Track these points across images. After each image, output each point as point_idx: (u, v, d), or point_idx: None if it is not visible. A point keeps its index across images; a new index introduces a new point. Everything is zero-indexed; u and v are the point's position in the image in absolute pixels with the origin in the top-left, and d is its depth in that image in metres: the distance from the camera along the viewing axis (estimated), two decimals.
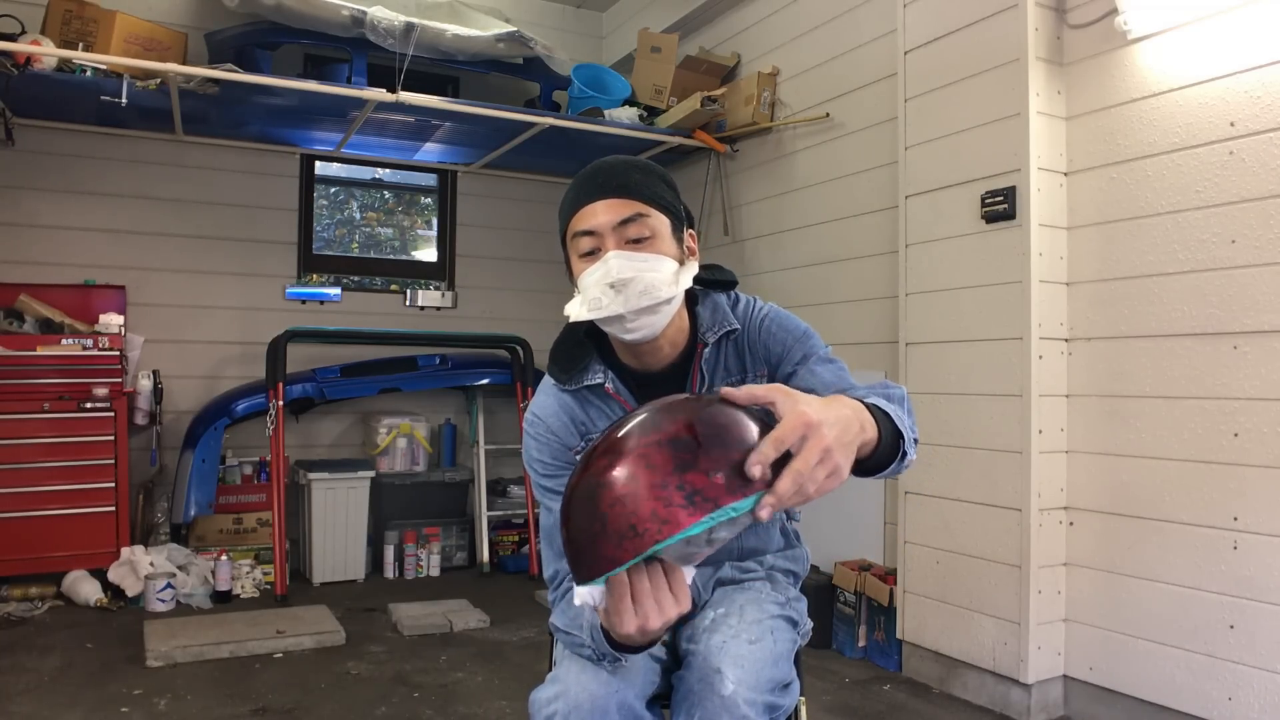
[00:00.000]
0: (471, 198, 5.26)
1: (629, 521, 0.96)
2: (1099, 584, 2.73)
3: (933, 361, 3.10)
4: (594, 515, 0.98)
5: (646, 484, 0.96)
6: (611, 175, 1.34)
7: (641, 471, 0.97)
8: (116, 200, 4.41)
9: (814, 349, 1.43)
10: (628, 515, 0.96)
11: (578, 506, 1.01)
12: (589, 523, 0.99)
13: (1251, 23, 2.38)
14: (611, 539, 0.97)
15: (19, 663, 3.12)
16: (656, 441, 0.98)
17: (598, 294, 1.30)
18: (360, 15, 3.91)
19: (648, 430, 1.00)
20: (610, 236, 1.31)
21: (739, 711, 1.25)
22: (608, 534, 0.97)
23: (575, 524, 1.01)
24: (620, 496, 0.97)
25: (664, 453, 0.97)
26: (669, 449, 0.98)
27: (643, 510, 0.96)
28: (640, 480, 0.97)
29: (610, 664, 1.29)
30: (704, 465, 0.97)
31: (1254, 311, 2.37)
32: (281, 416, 4.12)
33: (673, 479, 0.96)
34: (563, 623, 1.37)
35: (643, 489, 0.96)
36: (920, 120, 3.15)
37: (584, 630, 1.29)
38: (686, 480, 0.96)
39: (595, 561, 1.00)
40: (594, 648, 1.28)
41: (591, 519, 0.99)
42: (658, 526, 0.96)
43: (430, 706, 2.86)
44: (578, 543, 1.01)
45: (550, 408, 1.45)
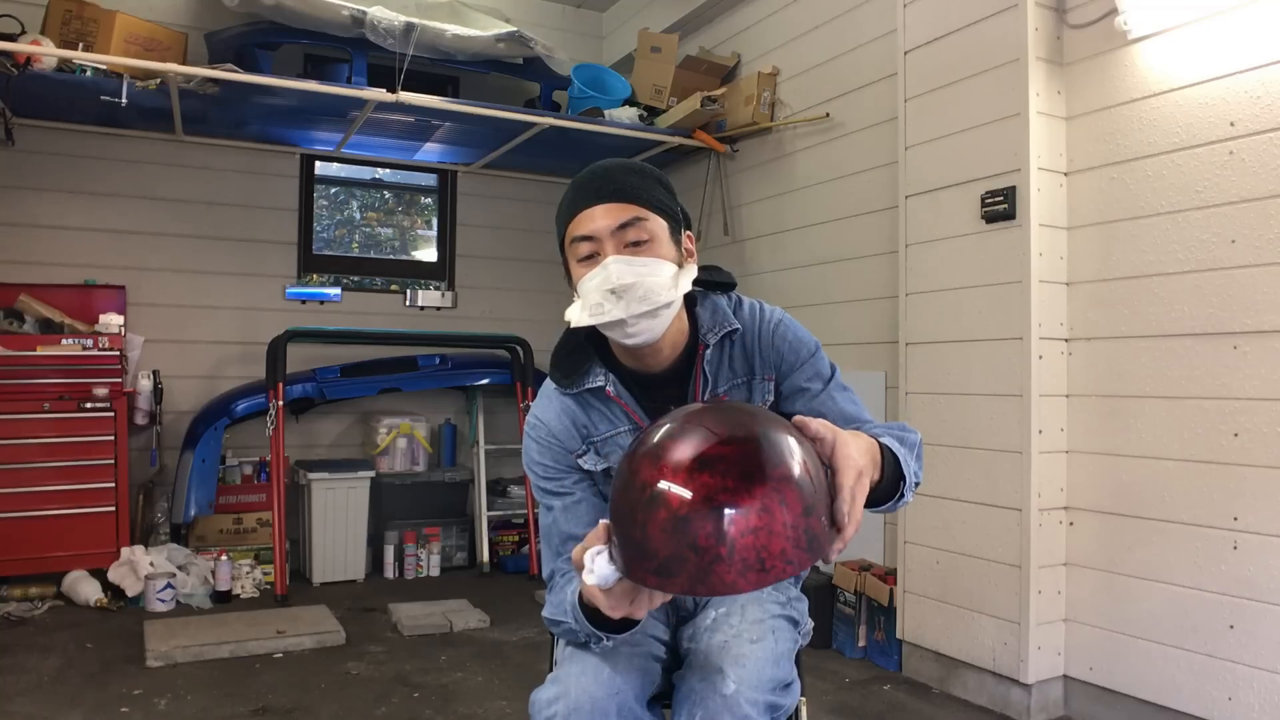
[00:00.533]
0: (471, 198, 5.26)
1: (759, 555, 0.95)
2: (1099, 584, 2.73)
3: (933, 361, 3.10)
4: (720, 539, 0.95)
5: (781, 522, 0.95)
6: (608, 179, 1.34)
7: (777, 508, 0.96)
8: (116, 200, 4.41)
9: (824, 368, 1.46)
10: (759, 549, 0.95)
11: (696, 521, 0.95)
12: (711, 543, 0.95)
13: (1251, 23, 2.38)
14: (735, 566, 0.95)
15: (19, 663, 3.12)
16: (785, 478, 0.97)
17: (598, 299, 1.30)
18: (360, 15, 3.91)
19: (774, 459, 0.98)
20: (609, 241, 1.31)
21: (740, 711, 1.25)
22: (733, 561, 0.95)
23: (688, 538, 0.96)
24: (756, 528, 0.95)
25: (793, 492, 0.97)
26: (796, 489, 0.97)
27: (774, 547, 0.95)
28: (776, 517, 0.95)
29: (597, 645, 1.30)
30: (819, 511, 0.98)
31: (1254, 311, 2.37)
32: (281, 416, 4.12)
33: (801, 522, 0.96)
34: (550, 612, 1.37)
35: (777, 525, 0.95)
36: (920, 120, 3.15)
37: (568, 614, 1.29)
38: (809, 525, 0.97)
39: (708, 582, 0.96)
40: (580, 630, 1.28)
41: (717, 541, 0.95)
42: (784, 566, 0.96)
43: (430, 706, 2.86)
44: (684, 556, 0.96)
45: (552, 411, 1.45)
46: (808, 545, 0.96)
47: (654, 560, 0.98)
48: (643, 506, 0.99)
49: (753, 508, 0.95)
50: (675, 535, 0.96)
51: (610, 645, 1.30)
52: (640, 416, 1.42)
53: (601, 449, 1.43)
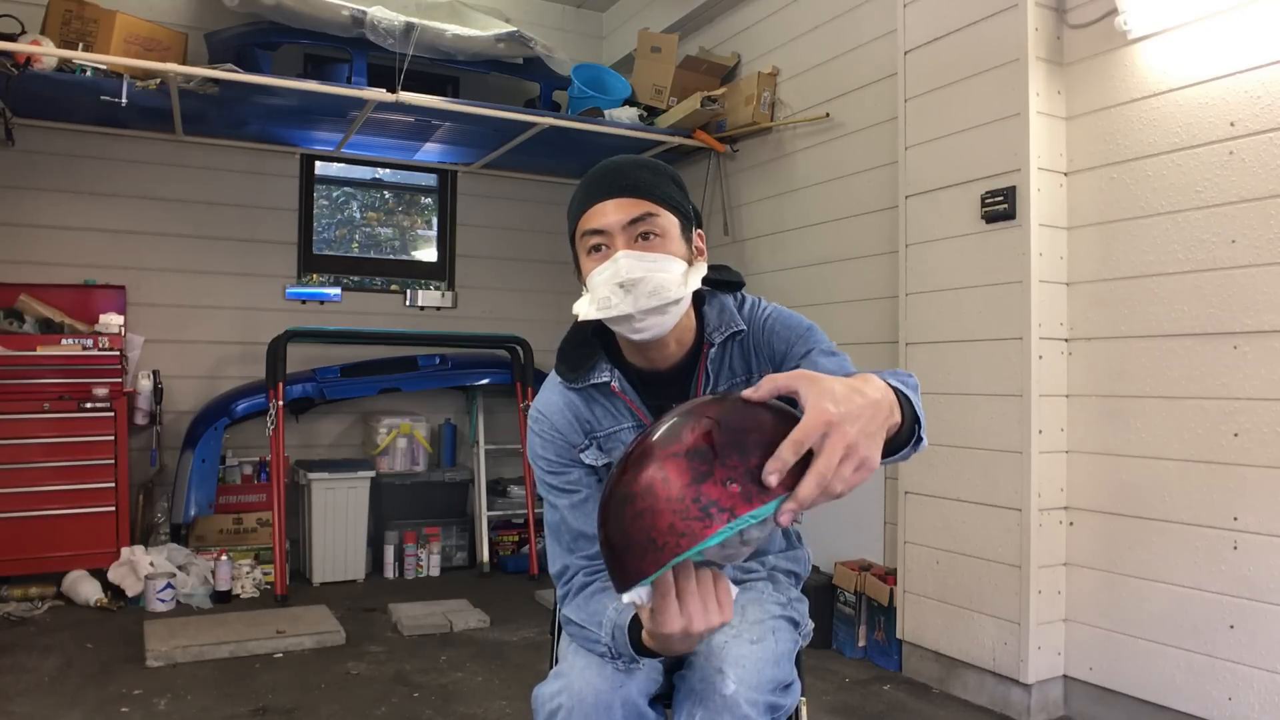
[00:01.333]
0: (471, 198, 5.26)
1: (649, 535, 0.98)
2: (1099, 584, 2.74)
3: (933, 361, 3.10)
4: (620, 528, 1.01)
5: (664, 497, 0.97)
6: (621, 175, 1.34)
7: (659, 485, 0.98)
8: (116, 200, 4.41)
9: (816, 343, 1.42)
10: (647, 529, 0.98)
11: (609, 517, 1.03)
12: (618, 536, 1.01)
13: (1251, 23, 2.38)
14: (635, 552, 1.00)
15: (19, 663, 3.12)
16: (674, 453, 0.99)
17: (607, 293, 1.30)
18: (360, 15, 3.91)
19: (668, 441, 1.01)
20: (620, 236, 1.31)
21: (740, 711, 1.25)
22: (632, 547, 1.00)
23: (606, 534, 1.04)
24: (640, 511, 0.99)
25: (679, 464, 0.98)
26: (685, 460, 0.98)
27: (660, 524, 0.97)
28: (658, 494, 0.98)
29: (625, 664, 1.29)
30: (719, 475, 0.97)
31: (1254, 311, 2.37)
32: (281, 416, 4.12)
33: (689, 491, 0.97)
34: (579, 618, 1.36)
35: (660, 503, 0.97)
36: (920, 120, 3.15)
37: (604, 628, 1.29)
38: (702, 492, 0.96)
39: (625, 573, 1.02)
40: (611, 647, 1.28)
41: (619, 532, 1.01)
42: (675, 540, 0.97)
43: (430, 706, 2.86)
44: (609, 554, 1.04)
45: (555, 405, 1.45)
46: (701, 511, 0.96)
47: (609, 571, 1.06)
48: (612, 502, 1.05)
49: (637, 492, 0.99)
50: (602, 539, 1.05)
51: (640, 667, 1.30)
52: (644, 413, 1.42)
53: (604, 444, 1.43)
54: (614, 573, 1.04)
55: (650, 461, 1.00)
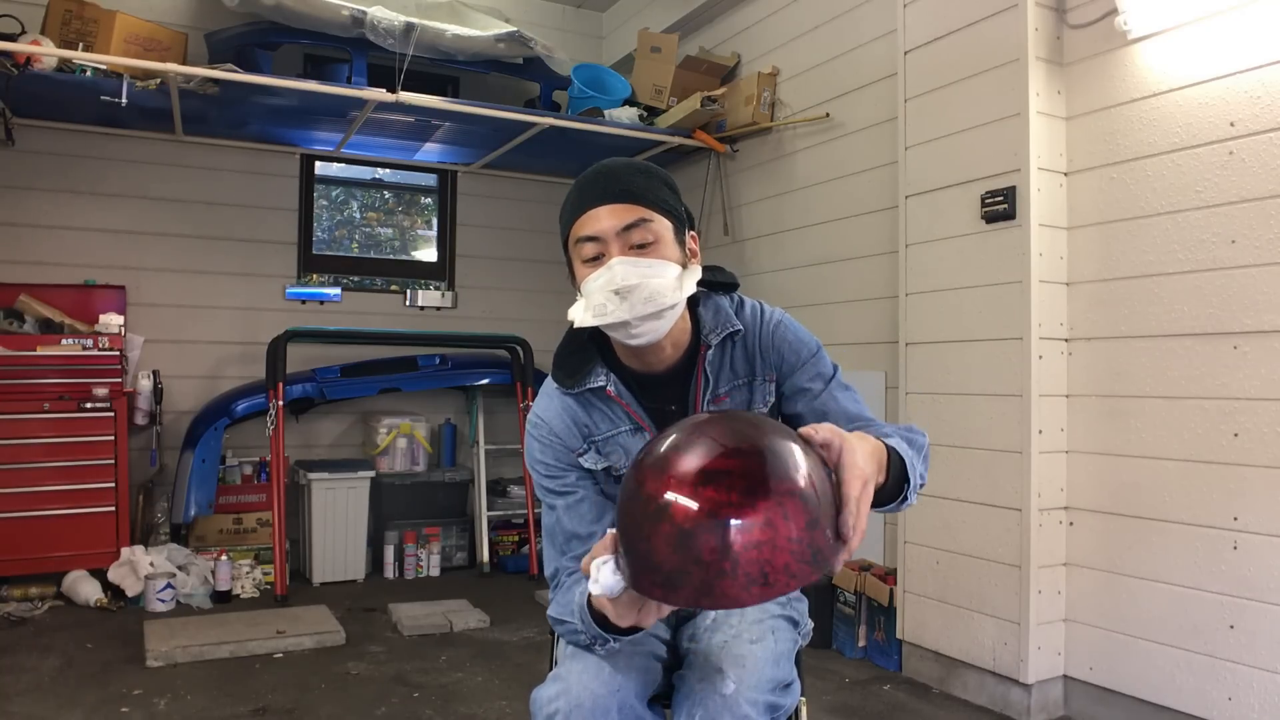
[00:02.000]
0: (471, 198, 5.26)
1: (763, 569, 0.95)
2: (1099, 584, 2.73)
3: (933, 361, 3.10)
4: (725, 553, 0.95)
5: (784, 536, 0.95)
6: (614, 179, 1.33)
7: (781, 522, 0.95)
8: (116, 200, 4.41)
9: (826, 368, 1.46)
10: (763, 563, 0.95)
11: (700, 535, 0.95)
12: (715, 558, 0.95)
13: (1251, 23, 2.38)
14: (739, 581, 0.95)
15: (19, 663, 3.12)
16: (790, 492, 0.96)
17: (602, 300, 1.30)
18: (360, 15, 3.91)
19: (779, 473, 0.98)
20: (614, 242, 1.31)
21: (740, 711, 1.25)
22: (736, 576, 0.95)
23: (692, 552, 0.96)
24: (759, 543, 0.95)
25: (797, 505, 0.96)
26: (800, 503, 0.96)
27: (777, 561, 0.95)
28: (779, 531, 0.95)
29: (602, 647, 1.29)
30: (824, 524, 0.97)
31: (1254, 311, 2.37)
32: (281, 416, 4.12)
33: (805, 535, 0.96)
34: (556, 611, 1.37)
35: (780, 540, 0.95)
36: (920, 120, 3.15)
37: (575, 615, 1.30)
38: (813, 539, 0.96)
39: (712, 595, 0.96)
40: (586, 632, 1.28)
41: (721, 555, 0.95)
42: (787, 580, 0.95)
43: (430, 706, 2.86)
44: (688, 571, 0.96)
45: (553, 410, 1.45)
46: (811, 559, 0.96)
47: (659, 574, 0.98)
48: (649, 520, 0.99)
49: (756, 522, 0.94)
50: (680, 549, 0.96)
51: (616, 648, 1.30)
52: (640, 416, 1.42)
53: (603, 448, 1.43)
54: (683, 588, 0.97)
55: (767, 490, 0.96)
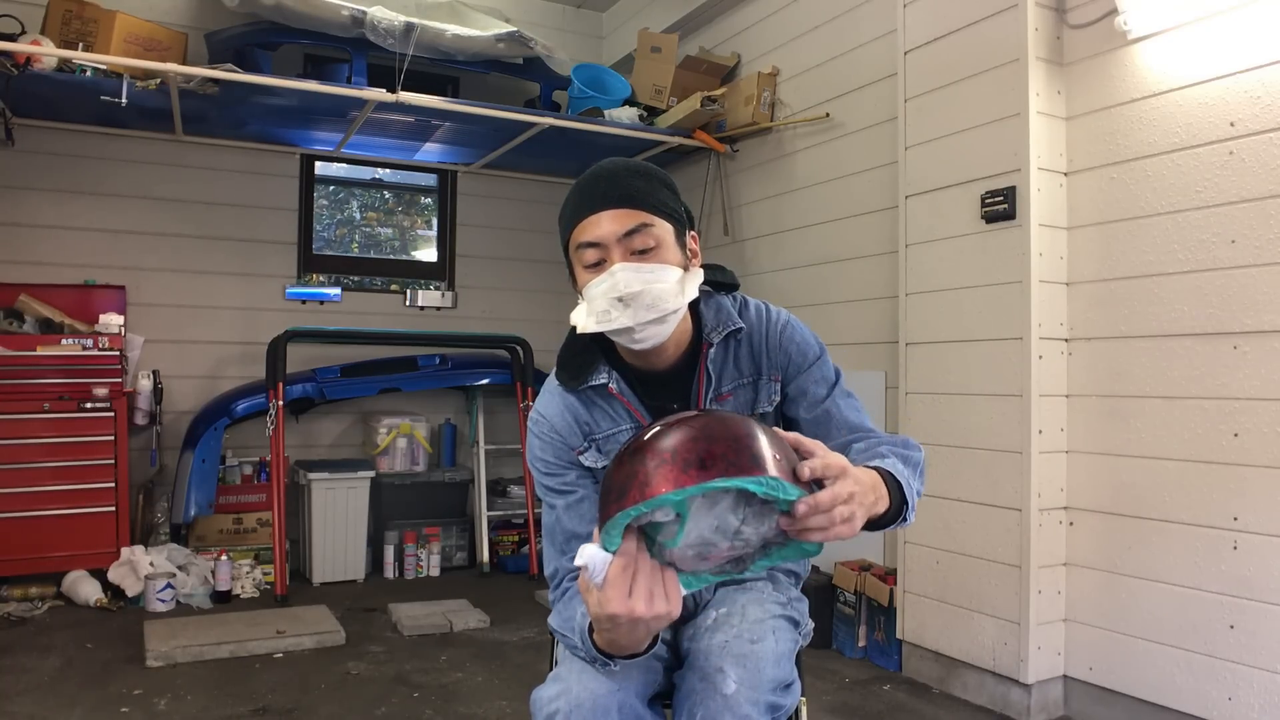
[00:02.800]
0: (471, 198, 5.26)
1: (701, 456, 1.04)
2: (1099, 584, 2.73)
3: (933, 361, 3.10)
4: (665, 448, 1.06)
5: (727, 441, 1.06)
6: (614, 184, 1.33)
7: (723, 435, 1.06)
8: (116, 200, 4.41)
9: (830, 373, 1.48)
10: (699, 452, 1.04)
11: (650, 444, 1.07)
12: (656, 454, 1.06)
13: (1251, 23, 2.38)
14: (677, 466, 1.03)
15: (19, 663, 3.12)
16: (742, 426, 1.09)
17: (605, 306, 1.30)
18: (360, 15, 3.91)
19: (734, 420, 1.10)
20: (616, 248, 1.31)
21: (741, 711, 1.25)
22: (675, 462, 1.04)
23: (639, 458, 1.07)
24: (697, 437, 1.06)
25: (748, 430, 1.08)
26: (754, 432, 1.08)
27: (715, 450, 1.04)
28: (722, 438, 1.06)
29: (601, 667, 1.29)
30: (774, 448, 1.07)
31: (1254, 311, 2.37)
32: (281, 416, 4.12)
33: (748, 444, 1.06)
34: (557, 624, 1.37)
35: (722, 443, 1.05)
36: (920, 120, 3.15)
37: (575, 634, 1.30)
38: (758, 449, 1.06)
39: (651, 484, 1.04)
40: (585, 651, 1.29)
41: (661, 451, 1.06)
42: (725, 467, 1.03)
43: (430, 706, 2.86)
44: (635, 470, 1.06)
45: (554, 407, 1.45)
46: (752, 458, 1.04)
47: (614, 490, 1.07)
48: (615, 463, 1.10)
49: (700, 432, 1.06)
50: (633, 460, 1.07)
51: (616, 670, 1.30)
52: (642, 414, 1.42)
53: (603, 446, 1.43)
54: (630, 489, 1.05)
55: (720, 423, 1.08)
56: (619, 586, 1.09)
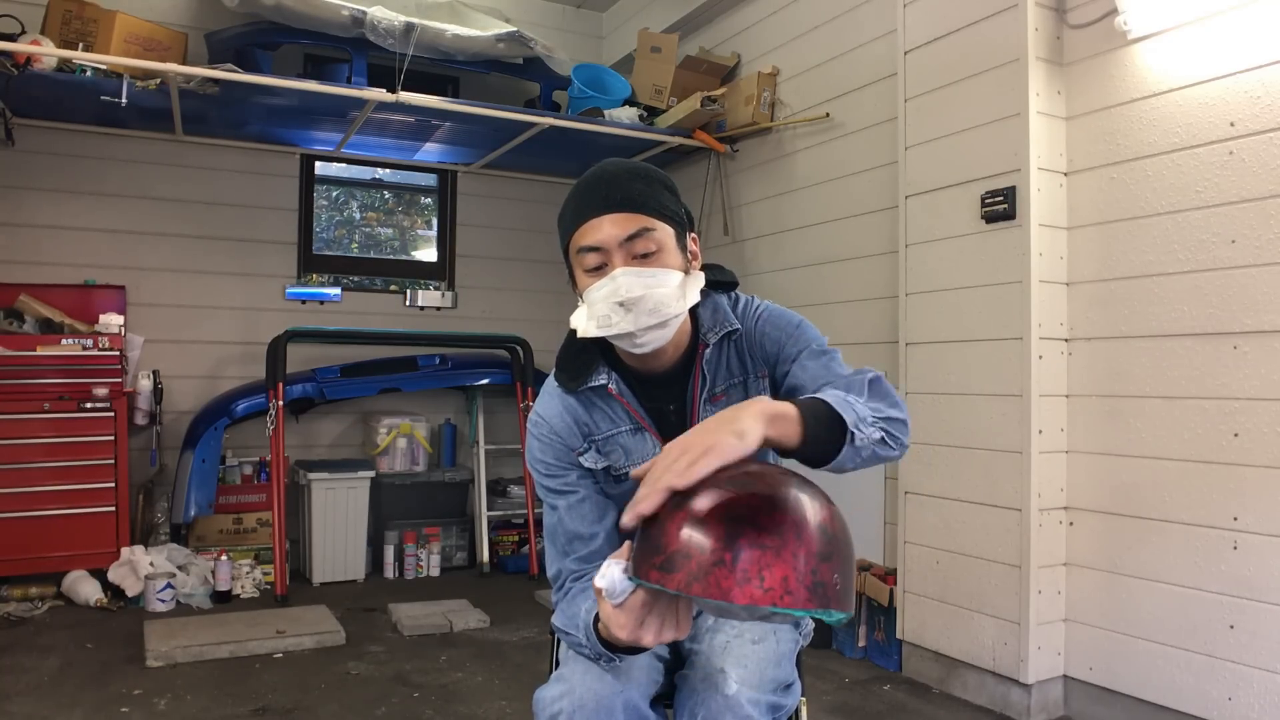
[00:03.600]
0: (471, 198, 5.26)
1: (761, 572, 0.96)
2: (1099, 584, 2.73)
3: (933, 361, 3.10)
4: (728, 544, 0.97)
5: (790, 552, 0.97)
6: (615, 187, 1.31)
7: (793, 539, 0.98)
8: (116, 200, 4.41)
9: (807, 342, 1.42)
10: (762, 566, 0.96)
11: (711, 525, 0.98)
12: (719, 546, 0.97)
13: (1251, 23, 2.38)
14: (736, 576, 0.96)
15: (19, 663, 3.12)
16: (804, 519, 1.00)
17: (606, 311, 1.29)
18: (360, 15, 3.91)
19: (808, 506, 1.02)
20: (617, 253, 1.30)
21: (742, 711, 1.25)
22: (734, 570, 0.96)
23: (699, 539, 0.98)
24: (767, 545, 0.97)
25: (810, 534, 1.00)
26: (814, 533, 1.00)
27: (778, 571, 0.97)
28: (789, 545, 0.98)
29: (605, 664, 1.30)
30: (836, 566, 1.00)
31: (1254, 311, 2.37)
32: (281, 416, 4.12)
33: (812, 562, 0.99)
34: (561, 622, 1.37)
35: (786, 554, 0.97)
36: (920, 120, 3.15)
37: (580, 630, 1.30)
38: (820, 570, 0.99)
39: (704, 582, 0.97)
40: (589, 648, 1.29)
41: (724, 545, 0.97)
42: (781, 593, 0.97)
43: (430, 706, 2.86)
44: (690, 553, 0.98)
45: (554, 409, 1.45)
46: (812, 586, 0.97)
47: (661, 554, 1.00)
48: (668, 509, 1.02)
49: (766, 530, 0.97)
50: (689, 533, 0.99)
51: (619, 665, 1.30)
52: (641, 415, 1.42)
53: (603, 447, 1.43)
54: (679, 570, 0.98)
55: (788, 510, 1.00)
56: (633, 616, 1.09)
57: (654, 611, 1.09)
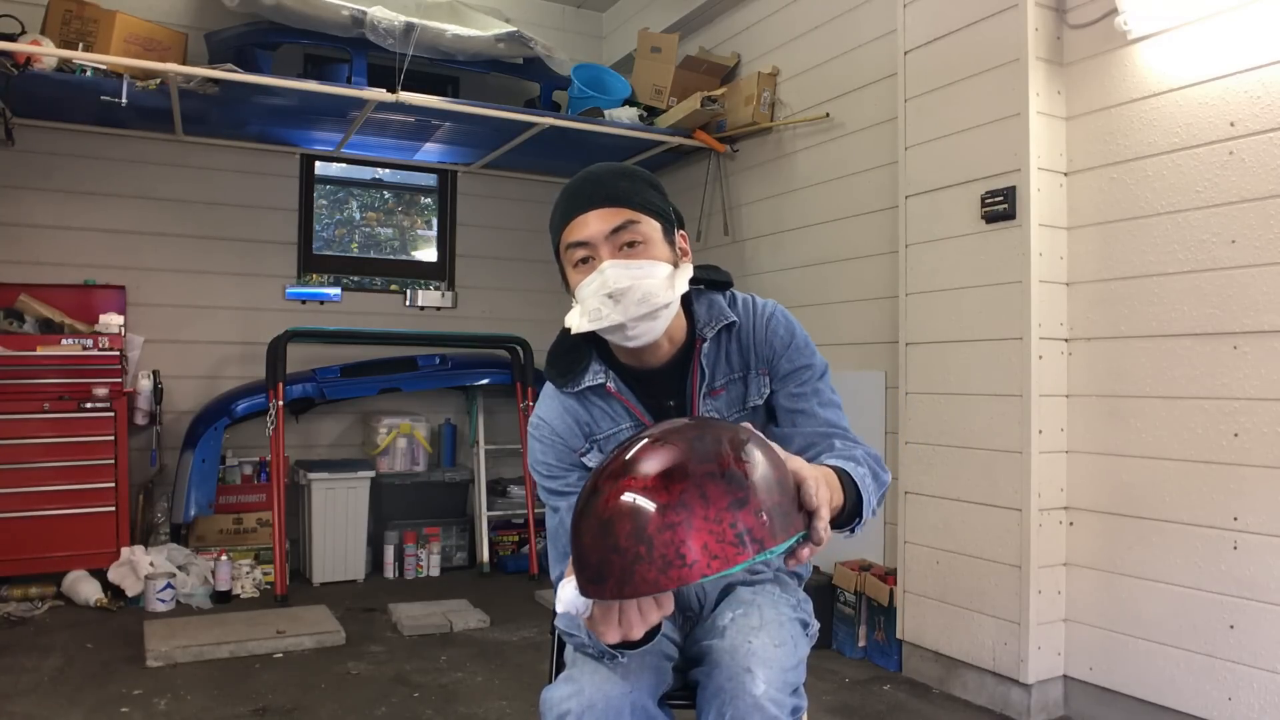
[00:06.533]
0: (471, 198, 5.26)
1: (678, 550, 0.94)
2: (1099, 584, 2.73)
3: (933, 361, 3.10)
4: (639, 537, 0.95)
5: (701, 516, 0.95)
6: (600, 185, 1.35)
7: (696, 502, 0.95)
8: (116, 200, 4.41)
9: (812, 365, 1.46)
10: (677, 544, 0.95)
11: (617, 522, 0.97)
12: (630, 543, 0.96)
13: (1251, 23, 2.38)
14: (656, 564, 0.95)
15: (19, 663, 3.12)
16: (710, 473, 0.97)
17: (596, 304, 1.31)
18: (360, 15, 3.91)
19: (703, 458, 0.98)
20: (604, 246, 1.32)
21: (769, 712, 1.26)
22: (653, 559, 0.95)
23: (611, 540, 0.97)
24: (672, 524, 0.95)
25: (718, 486, 0.96)
26: (723, 483, 0.97)
27: (694, 542, 0.95)
28: (695, 511, 0.95)
29: (610, 661, 1.30)
30: (754, 505, 0.97)
31: (1254, 311, 2.37)
32: (281, 416, 4.12)
33: (727, 515, 0.95)
34: (564, 623, 1.37)
35: (697, 520, 0.95)
36: (920, 120, 3.15)
37: (581, 630, 1.30)
38: (740, 519, 0.96)
39: (631, 582, 0.96)
40: (593, 646, 1.30)
41: (635, 540, 0.96)
42: (707, 560, 0.95)
43: (430, 706, 2.86)
44: (609, 560, 0.97)
45: (554, 411, 1.46)
46: (736, 538, 0.95)
47: (588, 569, 0.99)
48: (581, 519, 1.01)
49: (669, 504, 0.95)
50: (602, 539, 0.98)
51: (624, 662, 1.31)
52: (641, 412, 1.43)
53: (605, 446, 1.43)
54: (609, 577, 0.97)
55: (685, 474, 0.97)
56: (608, 621, 1.08)
57: (626, 610, 1.08)
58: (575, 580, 1.04)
